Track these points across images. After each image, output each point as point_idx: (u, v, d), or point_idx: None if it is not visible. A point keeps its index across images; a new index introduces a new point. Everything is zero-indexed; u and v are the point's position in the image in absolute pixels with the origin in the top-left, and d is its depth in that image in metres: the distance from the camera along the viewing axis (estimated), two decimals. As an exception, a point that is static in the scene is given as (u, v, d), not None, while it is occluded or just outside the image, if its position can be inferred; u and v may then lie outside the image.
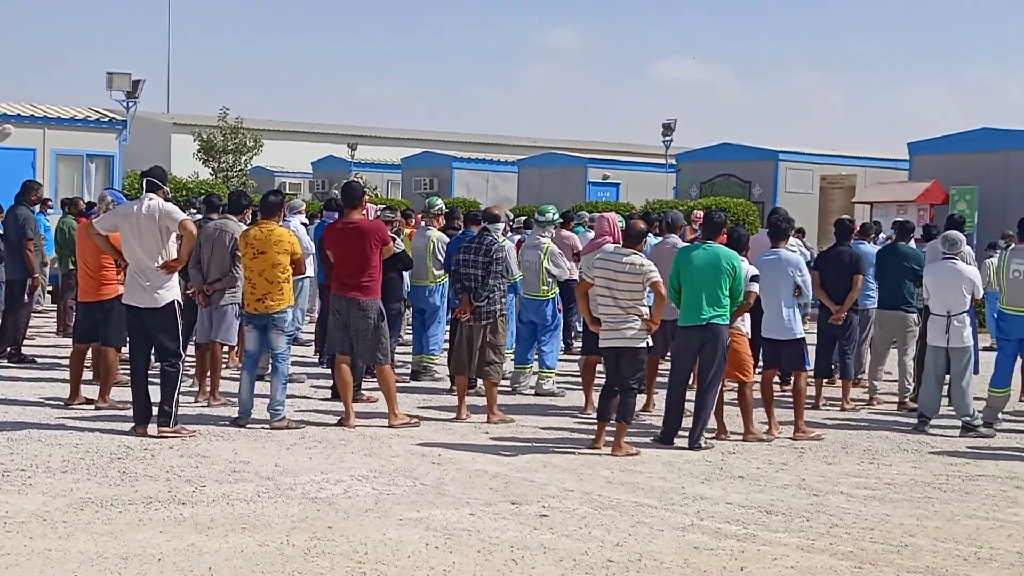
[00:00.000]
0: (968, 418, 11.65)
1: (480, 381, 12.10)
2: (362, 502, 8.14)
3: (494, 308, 11.54)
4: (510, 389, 13.26)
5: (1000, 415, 12.14)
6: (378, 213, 13.44)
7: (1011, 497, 9.00)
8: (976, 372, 12.27)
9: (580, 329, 14.87)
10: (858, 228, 14.53)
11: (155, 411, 10.20)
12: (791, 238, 12.36)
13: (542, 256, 13.03)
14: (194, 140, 41.27)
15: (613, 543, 7.33)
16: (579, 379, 12.98)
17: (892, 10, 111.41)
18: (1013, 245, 12.42)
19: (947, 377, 12.10)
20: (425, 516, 7.82)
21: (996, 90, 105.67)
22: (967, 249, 12.64)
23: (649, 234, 13.08)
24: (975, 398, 11.93)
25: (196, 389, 12.00)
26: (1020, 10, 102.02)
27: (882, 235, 17.00)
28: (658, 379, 12.43)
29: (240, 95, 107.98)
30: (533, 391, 13.32)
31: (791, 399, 11.51)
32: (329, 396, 12.31)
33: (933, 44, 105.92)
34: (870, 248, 14.29)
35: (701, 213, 15.71)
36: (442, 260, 13.88)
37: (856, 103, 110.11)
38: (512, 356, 13.50)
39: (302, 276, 13.03)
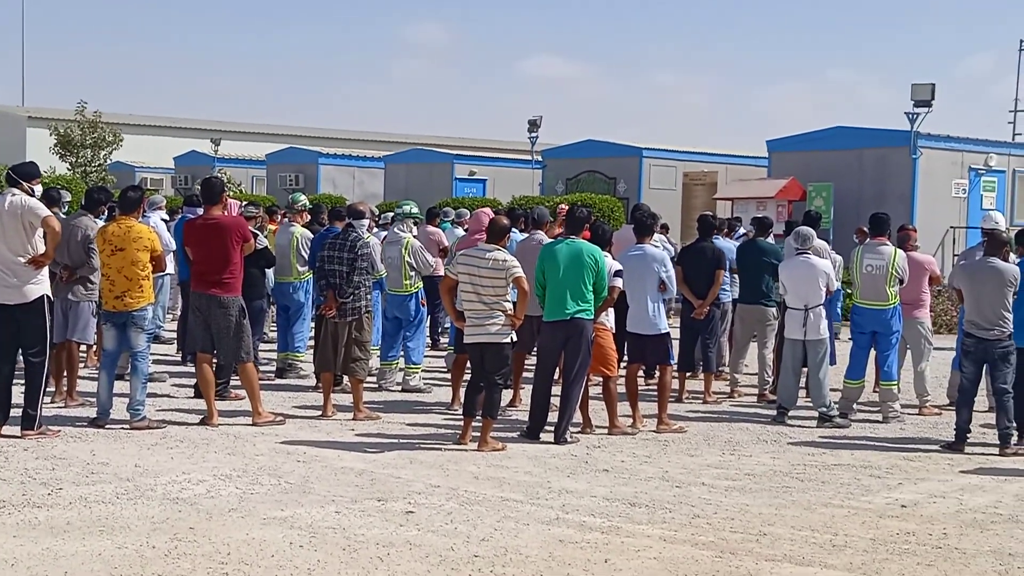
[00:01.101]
0: (824, 409, 11.95)
1: (346, 378, 12.02)
2: (225, 502, 8.02)
3: (359, 304, 11.48)
4: (376, 386, 13.20)
5: (855, 406, 12.47)
6: (241, 209, 13.26)
7: (865, 485, 9.25)
8: (833, 363, 12.60)
9: (447, 326, 14.87)
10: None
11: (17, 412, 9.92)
12: (655, 234, 12.52)
13: (403, 251, 12.99)
14: (50, 134, 40.13)
15: (479, 538, 7.34)
16: (446, 375, 13.00)
17: (753, 12, 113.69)
18: (867, 240, 12.73)
19: (804, 369, 12.40)
20: (290, 515, 7.73)
21: (851, 90, 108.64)
22: (820, 243, 12.96)
23: (514, 230, 13.16)
24: (831, 389, 12.23)
25: (53, 389, 11.69)
26: (873, 14, 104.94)
27: (741, 230, 17.30)
28: (525, 374, 12.48)
29: (99, 88, 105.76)
30: (400, 387, 13.27)
31: (655, 393, 11.67)
32: (192, 395, 12.10)
33: (791, 46, 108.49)
34: (729, 244, 14.56)
35: (565, 207, 15.81)
36: (306, 256, 13.76)
37: (718, 102, 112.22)
38: (378, 352, 13.44)
39: (163, 273, 12.81)
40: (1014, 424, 10.83)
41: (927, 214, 24.10)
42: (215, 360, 11.15)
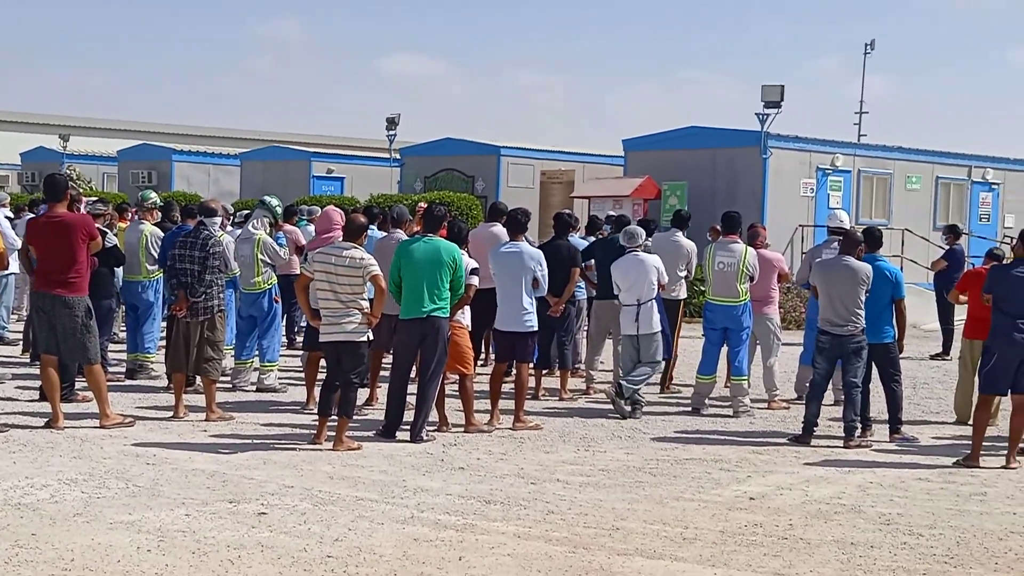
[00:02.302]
0: (633, 389, 12.09)
1: (199, 378, 11.81)
2: (69, 507, 7.81)
3: (212, 303, 11.29)
4: (230, 386, 13.00)
5: (706, 400, 12.71)
6: (88, 207, 12.93)
7: (715, 479, 9.42)
8: (668, 356, 12.84)
9: (304, 324, 14.71)
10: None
11: None
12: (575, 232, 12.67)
13: (255, 248, 12.82)
14: None
15: (332, 538, 7.28)
16: (302, 374, 12.86)
17: (607, 12, 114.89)
18: (720, 238, 12.97)
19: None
20: (137, 519, 7.56)
21: (704, 91, 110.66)
22: (687, 244, 13.24)
23: (372, 227, 13.09)
24: (685, 385, 12.43)
25: None
26: (724, 15, 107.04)
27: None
28: (382, 373, 12.42)
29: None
30: (254, 387, 13.09)
31: (511, 390, 11.72)
32: (37, 397, 11.76)
33: (644, 46, 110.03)
34: (582, 241, 14.69)
35: (424, 205, 15.79)
36: (156, 255, 13.49)
37: (574, 101, 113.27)
38: (232, 352, 13.24)
39: (6, 272, 12.42)
40: (859, 418, 11.14)
41: (777, 212, 24.67)
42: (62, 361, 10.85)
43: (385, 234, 13.03)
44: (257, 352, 13.21)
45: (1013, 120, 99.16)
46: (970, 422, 11.16)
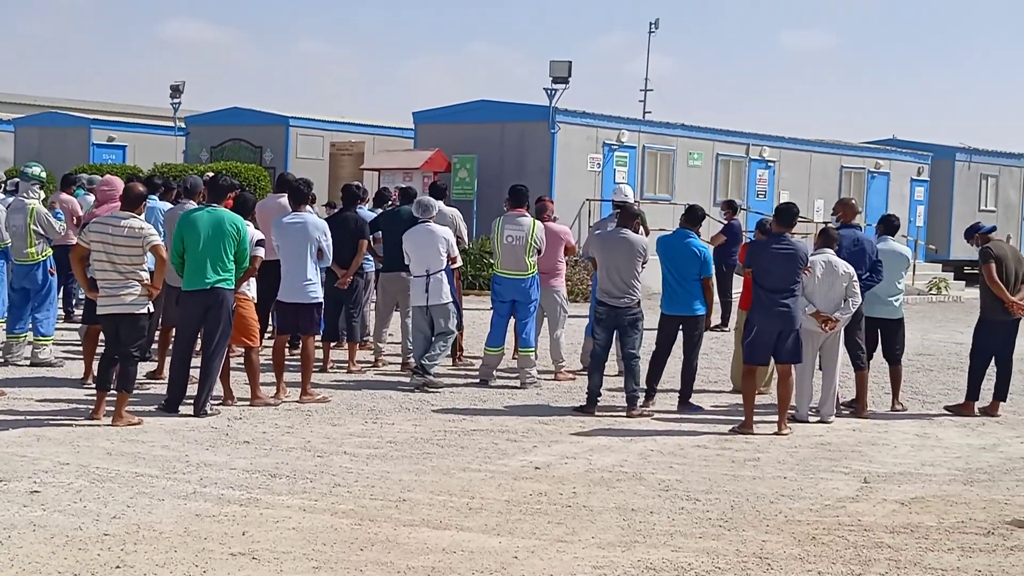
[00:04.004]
0: (426, 363, 12.17)
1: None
2: None
3: (-19, 274, 10.80)
4: (2, 361, 12.47)
5: (495, 372, 12.83)
6: None
7: (502, 449, 9.52)
8: (460, 328, 12.92)
9: (82, 297, 14.22)
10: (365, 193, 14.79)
11: None
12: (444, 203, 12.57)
13: (28, 219, 12.33)
14: None
15: (110, 516, 7.07)
16: (80, 348, 12.44)
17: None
18: (507, 212, 13.06)
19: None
20: (-101, 500, 7.20)
21: (494, 65, 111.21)
22: (449, 211, 13.31)
23: (153, 197, 12.75)
24: (474, 357, 12.51)
25: None
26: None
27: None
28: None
29: None
30: (28, 362, 12.60)
31: (299, 363, 11.59)
32: None
33: (437, 18, 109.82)
34: (370, 213, 14.61)
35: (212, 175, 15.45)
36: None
37: (365, 73, 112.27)
38: (3, 326, 12.70)
39: None
40: (641, 387, 11.42)
41: (564, 187, 25.04)
42: None
43: (176, 204, 12.70)
44: (31, 326, 12.71)
45: (789, 101, 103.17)
46: (746, 391, 11.58)
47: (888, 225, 12.48)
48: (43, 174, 13.06)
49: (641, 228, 12.19)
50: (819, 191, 30.68)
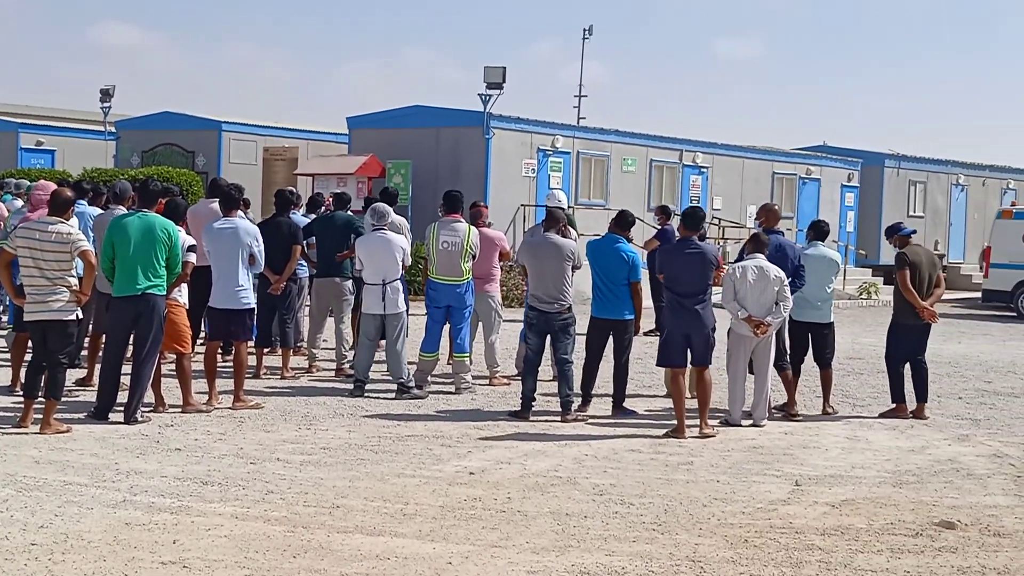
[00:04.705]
0: (403, 380, 12.17)
1: None
2: None
3: (-95, 281, 10.60)
4: (-73, 368, 12.27)
5: (429, 378, 12.79)
6: None
7: (436, 455, 9.50)
8: (407, 336, 12.86)
9: (8, 303, 14.00)
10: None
11: None
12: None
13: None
14: None
15: (37, 525, 6.97)
16: (6, 355, 12.25)
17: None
18: (442, 217, 13.03)
19: (381, 342, 12.60)
20: None
21: (429, 71, 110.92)
22: (397, 219, 13.21)
23: (81, 202, 12.60)
24: (409, 363, 12.47)
25: None
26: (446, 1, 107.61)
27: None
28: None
29: None
30: (-46, 370, 12.40)
31: (231, 369, 11.49)
32: None
33: (370, 23, 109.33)
34: (303, 219, 14.54)
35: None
36: None
37: (298, 78, 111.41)
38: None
39: None
40: (575, 392, 11.46)
41: (499, 192, 25.05)
42: None
43: (102, 211, 12.55)
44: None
45: (721, 107, 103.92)
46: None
47: (818, 230, 12.63)
48: None
49: (571, 231, 12.22)
50: (751, 197, 30.94)
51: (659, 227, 19.82)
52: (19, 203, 15.50)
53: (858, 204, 34.60)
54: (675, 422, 10.75)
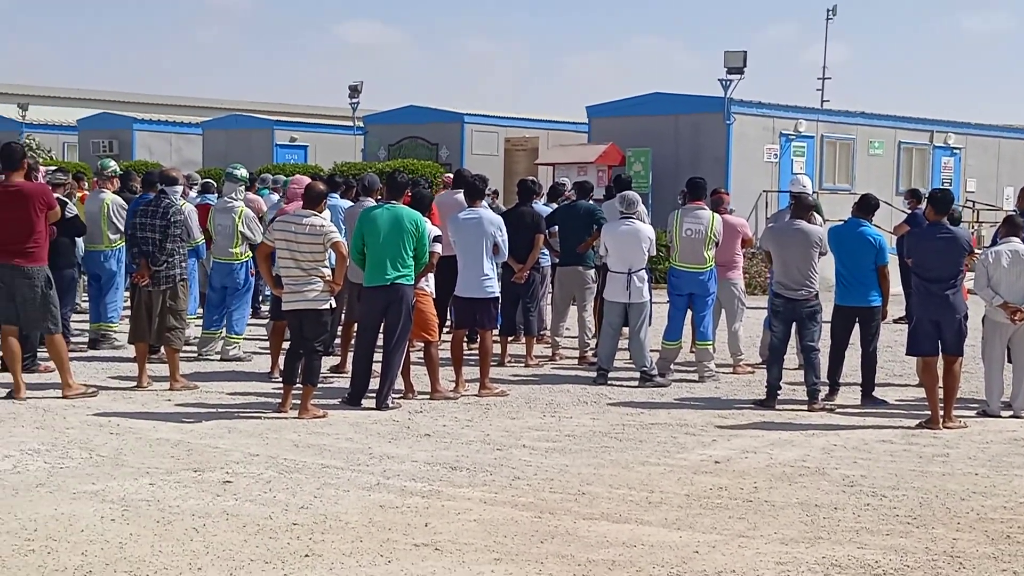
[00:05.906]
0: (646, 368, 12.16)
1: (162, 348, 11.73)
2: (32, 477, 7.75)
3: (174, 272, 11.22)
4: (196, 355, 12.93)
5: (672, 366, 12.73)
6: (48, 176, 12.80)
7: (681, 443, 9.45)
8: (649, 324, 12.83)
9: (268, 293, 14.64)
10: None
11: None
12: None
13: (236, 220, 12.79)
14: None
15: (298, 506, 7.26)
16: (266, 343, 12.81)
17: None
18: (686, 204, 12.92)
19: (625, 331, 12.60)
20: (101, 488, 7.52)
21: (662, 58, 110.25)
22: (642, 208, 13.18)
23: (334, 195, 13.04)
24: (651, 350, 12.44)
25: None
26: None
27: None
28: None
29: None
30: (219, 357, 13.03)
31: (477, 357, 11.70)
32: (-2, 368, 11.66)
33: (595, 15, 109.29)
34: (545, 208, 14.66)
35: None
36: (119, 224, 13.37)
37: (534, 69, 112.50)
38: (195, 322, 13.16)
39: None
40: (821, 380, 11.21)
41: (741, 178, 24.73)
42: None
43: (352, 203, 12.98)
44: (225, 323, 13.16)
45: (973, 85, 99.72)
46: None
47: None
48: (244, 174, 13.56)
49: (817, 217, 11.94)
50: (1008, 178, 29.60)
51: (909, 211, 19.20)
52: (275, 197, 16.21)
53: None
54: (928, 412, 10.38)
